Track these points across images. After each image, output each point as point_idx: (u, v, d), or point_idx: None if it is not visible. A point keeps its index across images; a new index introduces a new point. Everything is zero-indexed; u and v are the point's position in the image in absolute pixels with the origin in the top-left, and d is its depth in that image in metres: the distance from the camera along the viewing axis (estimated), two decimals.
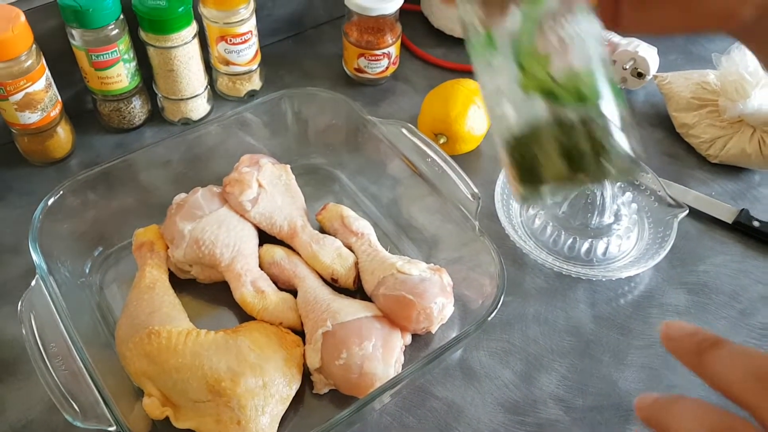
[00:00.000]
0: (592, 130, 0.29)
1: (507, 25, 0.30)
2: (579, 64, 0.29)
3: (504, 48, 0.30)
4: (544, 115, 0.30)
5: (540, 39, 0.29)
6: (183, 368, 0.53)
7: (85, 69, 0.74)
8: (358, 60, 0.85)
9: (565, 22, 0.30)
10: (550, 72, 0.29)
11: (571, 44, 0.29)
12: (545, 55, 0.29)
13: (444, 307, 0.60)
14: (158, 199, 0.68)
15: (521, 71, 0.30)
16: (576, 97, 0.29)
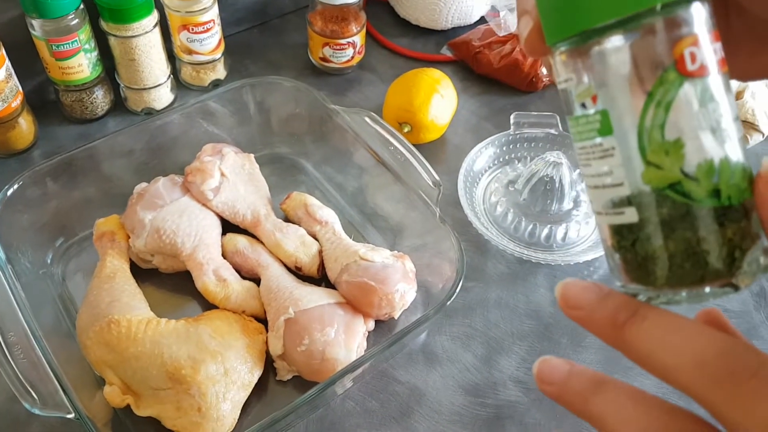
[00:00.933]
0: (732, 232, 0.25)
1: (630, 107, 0.25)
2: (718, 155, 0.24)
3: (623, 134, 0.25)
4: (670, 212, 0.25)
5: (671, 127, 0.24)
6: (143, 356, 0.53)
7: (46, 59, 0.74)
8: (323, 49, 0.85)
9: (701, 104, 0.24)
10: (683, 167, 0.24)
11: (708, 130, 0.24)
12: (677, 146, 0.24)
13: (406, 293, 0.61)
14: (120, 189, 0.68)
15: (646, 165, 0.25)
16: (714, 196, 0.24)
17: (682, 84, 0.24)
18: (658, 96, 0.24)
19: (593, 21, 0.24)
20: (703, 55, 0.24)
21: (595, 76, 0.25)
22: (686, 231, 0.25)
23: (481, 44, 0.87)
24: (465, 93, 0.86)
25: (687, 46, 0.24)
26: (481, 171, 0.75)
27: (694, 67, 0.24)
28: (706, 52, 0.24)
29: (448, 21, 0.93)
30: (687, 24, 0.24)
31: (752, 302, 0.67)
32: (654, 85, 0.24)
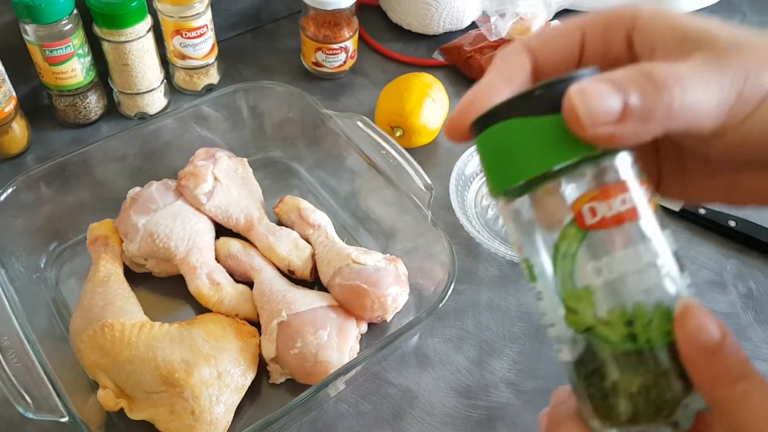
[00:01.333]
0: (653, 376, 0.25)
1: (545, 257, 0.26)
2: (631, 300, 0.25)
3: (545, 281, 0.27)
4: (593, 354, 0.26)
5: (579, 276, 0.26)
6: (136, 360, 0.53)
7: (40, 64, 0.74)
8: (316, 54, 0.85)
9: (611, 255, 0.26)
10: (596, 313, 0.26)
11: (618, 276, 0.25)
12: (587, 293, 0.26)
13: (398, 296, 0.62)
14: (114, 194, 0.68)
15: (566, 310, 0.26)
16: (631, 340, 0.25)
17: (584, 237, 0.26)
18: (563, 248, 0.26)
19: (502, 185, 0.27)
20: (604, 208, 0.25)
21: (517, 228, 0.28)
22: (602, 377, 0.26)
23: (472, 49, 0.87)
24: (456, 97, 0.87)
25: (585, 202, 0.25)
26: (473, 175, 0.76)
27: (593, 221, 0.25)
28: (609, 205, 0.25)
29: (440, 26, 0.94)
30: (585, 181, 0.26)
31: (740, 303, 0.68)
32: (558, 239, 0.26)
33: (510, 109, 0.26)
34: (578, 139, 0.25)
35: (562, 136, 0.25)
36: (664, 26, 0.27)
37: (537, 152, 0.26)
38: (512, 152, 0.26)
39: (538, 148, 0.26)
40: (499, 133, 0.26)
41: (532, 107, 0.26)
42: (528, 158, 0.26)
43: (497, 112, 0.26)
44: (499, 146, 0.27)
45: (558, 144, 0.25)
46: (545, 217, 0.26)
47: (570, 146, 0.25)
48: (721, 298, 0.69)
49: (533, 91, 0.26)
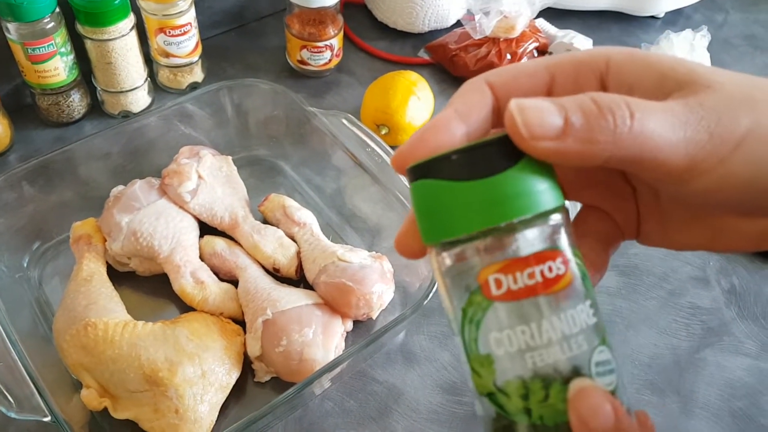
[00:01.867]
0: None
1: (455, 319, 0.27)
2: (529, 374, 0.25)
3: (459, 338, 0.27)
4: (493, 418, 0.27)
5: (482, 343, 0.26)
6: (120, 359, 0.53)
7: (22, 63, 0.73)
8: (301, 52, 0.85)
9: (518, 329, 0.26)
10: (495, 381, 0.26)
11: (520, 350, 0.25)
12: (488, 361, 0.26)
13: (383, 294, 0.62)
14: (97, 192, 0.68)
15: (471, 371, 0.27)
16: (525, 413, 0.26)
17: (489, 307, 0.25)
18: (469, 314, 0.26)
19: (428, 238, 0.27)
20: (510, 280, 0.25)
21: (442, 285, 0.28)
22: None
23: (457, 47, 0.88)
24: (442, 95, 0.87)
25: (492, 272, 0.25)
26: None
27: (499, 293, 0.25)
28: (516, 278, 0.25)
29: (425, 24, 0.94)
30: (497, 251, 0.26)
31: (723, 299, 0.69)
32: (465, 304, 0.26)
33: (437, 168, 0.26)
34: (495, 208, 0.25)
35: (481, 203, 0.25)
36: (641, 67, 0.27)
37: (453, 216, 0.26)
38: (435, 210, 0.26)
39: (456, 211, 0.26)
40: (426, 189, 0.26)
41: (457, 169, 0.25)
42: (446, 220, 0.26)
43: (427, 167, 0.26)
44: (425, 200, 0.27)
45: (475, 210, 0.25)
46: (458, 279, 0.26)
47: (485, 214, 0.25)
48: (704, 294, 0.69)
49: (461, 152, 0.25)
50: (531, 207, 0.26)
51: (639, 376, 0.62)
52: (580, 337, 0.26)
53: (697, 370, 0.63)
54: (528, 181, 0.26)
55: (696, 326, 0.66)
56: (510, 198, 0.25)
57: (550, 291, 0.25)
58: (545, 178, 0.26)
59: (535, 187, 0.26)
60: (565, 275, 0.26)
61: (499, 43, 0.85)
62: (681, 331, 0.66)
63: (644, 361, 0.63)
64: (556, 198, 0.27)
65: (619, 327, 0.66)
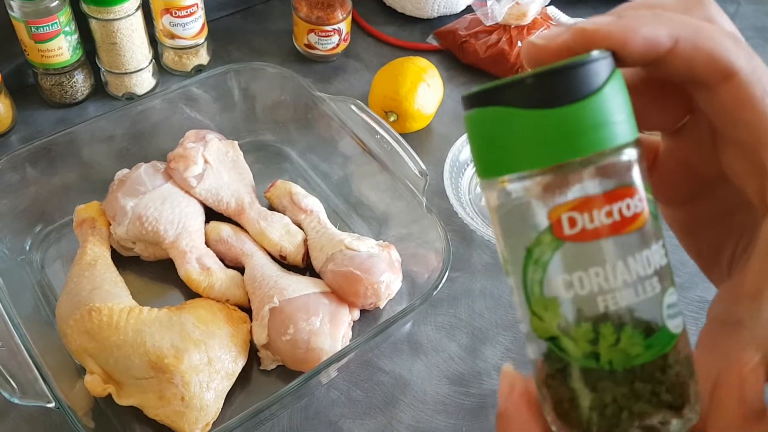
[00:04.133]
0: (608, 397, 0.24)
1: (518, 258, 0.25)
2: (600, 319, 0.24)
3: (517, 280, 0.25)
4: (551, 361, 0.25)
5: (548, 285, 0.24)
6: (124, 345, 0.52)
7: (25, 42, 0.72)
8: (309, 36, 0.84)
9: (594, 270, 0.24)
10: (560, 325, 0.24)
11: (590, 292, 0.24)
12: (554, 304, 0.24)
13: (391, 283, 0.61)
14: (101, 175, 0.67)
15: (531, 314, 0.25)
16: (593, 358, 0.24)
17: (559, 247, 0.24)
18: (535, 255, 0.24)
19: (481, 173, 0.25)
20: (586, 219, 0.24)
21: (495, 218, 0.26)
22: (562, 384, 0.25)
23: (467, 33, 0.86)
24: (451, 82, 0.86)
25: (566, 210, 0.24)
26: (467, 161, 0.75)
27: (572, 232, 0.24)
28: (592, 217, 0.24)
29: (435, 10, 0.92)
30: (570, 187, 0.24)
31: None
32: (532, 244, 0.24)
33: (507, 93, 0.24)
34: (571, 140, 0.23)
35: (556, 134, 0.23)
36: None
37: (524, 147, 0.24)
38: (501, 140, 0.24)
39: (527, 143, 0.24)
40: (491, 116, 0.24)
41: (531, 95, 0.23)
42: (514, 151, 0.24)
43: (495, 92, 0.24)
44: (488, 129, 0.25)
45: (549, 142, 0.23)
46: (523, 217, 0.25)
47: (561, 146, 0.23)
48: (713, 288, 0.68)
49: (535, 77, 0.23)
50: (609, 140, 0.24)
51: None
52: (654, 279, 0.24)
53: None
54: (606, 111, 0.24)
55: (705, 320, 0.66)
56: (588, 129, 0.23)
57: (626, 230, 0.24)
58: (622, 108, 0.24)
59: (613, 117, 0.24)
60: (642, 213, 0.24)
61: (510, 30, 0.84)
62: (689, 325, 0.65)
63: None
64: (632, 130, 0.25)
65: None
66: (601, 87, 0.24)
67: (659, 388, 0.24)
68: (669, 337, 0.24)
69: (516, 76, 0.24)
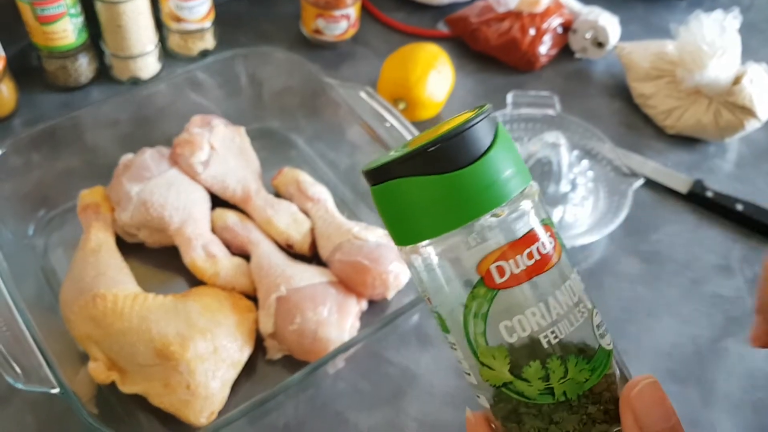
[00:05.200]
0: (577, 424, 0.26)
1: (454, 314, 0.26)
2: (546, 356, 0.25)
3: (457, 335, 0.26)
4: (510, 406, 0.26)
5: (492, 335, 0.25)
6: (129, 332, 0.51)
7: (30, 23, 0.71)
8: (317, 21, 0.83)
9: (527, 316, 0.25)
10: (511, 369, 0.25)
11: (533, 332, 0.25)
12: (501, 351, 0.25)
13: (400, 274, 0.60)
14: (105, 160, 0.66)
15: (480, 365, 0.26)
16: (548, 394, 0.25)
17: (494, 296, 0.25)
18: (473, 308, 0.25)
19: (398, 241, 0.26)
20: (512, 265, 0.25)
21: (424, 280, 0.27)
22: (531, 422, 0.26)
23: (478, 21, 0.85)
24: (461, 70, 0.84)
25: (492, 261, 0.25)
26: None
27: (503, 280, 0.25)
28: (517, 262, 0.25)
29: None
30: (491, 239, 0.25)
31: (746, 288, 0.67)
32: (468, 299, 0.25)
33: (409, 166, 0.24)
34: (479, 198, 0.24)
35: (463, 195, 0.24)
36: None
37: (437, 211, 0.24)
38: (412, 209, 0.25)
39: (439, 207, 0.24)
40: (398, 189, 0.25)
41: (435, 161, 0.24)
42: (427, 217, 0.25)
43: (395, 167, 0.25)
44: (397, 202, 0.25)
45: (459, 203, 0.24)
46: (453, 275, 0.25)
47: (471, 205, 0.24)
48: (727, 283, 0.67)
49: (433, 146, 0.24)
50: (518, 185, 0.25)
51: (659, 364, 0.61)
52: (581, 306, 0.26)
53: (718, 360, 0.62)
54: (507, 161, 0.25)
55: (718, 315, 0.65)
56: (499, 182, 0.25)
57: (548, 267, 0.25)
58: (516, 155, 0.26)
59: (516, 165, 0.25)
60: (556, 247, 0.26)
61: (522, 18, 0.83)
62: (702, 320, 0.64)
63: (665, 349, 0.62)
64: (528, 172, 0.26)
65: (640, 315, 0.64)
66: (494, 141, 0.25)
67: (610, 406, 0.26)
68: (606, 356, 0.26)
69: (414, 146, 0.24)
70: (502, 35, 0.83)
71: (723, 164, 0.79)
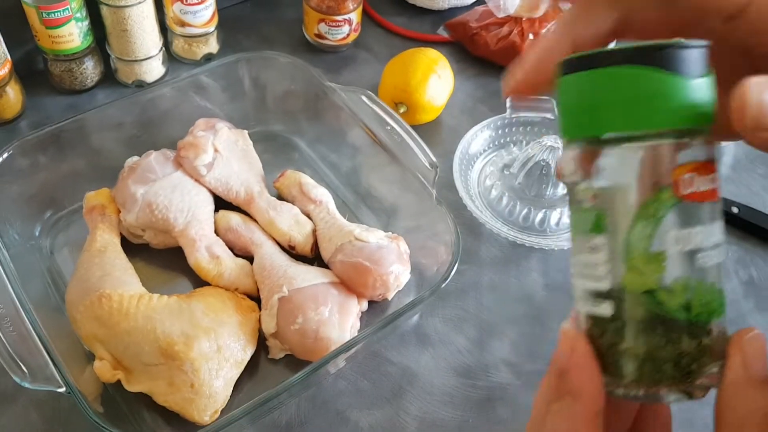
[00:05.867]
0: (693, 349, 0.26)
1: (624, 213, 0.26)
2: (696, 275, 0.26)
3: (613, 236, 0.26)
4: (641, 315, 0.26)
5: (657, 241, 0.26)
6: (134, 332, 0.52)
7: (36, 27, 0.72)
8: (319, 25, 0.84)
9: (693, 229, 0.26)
10: (662, 278, 0.26)
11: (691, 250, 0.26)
12: (659, 259, 0.26)
13: (400, 275, 0.61)
14: (110, 162, 0.67)
15: (628, 269, 0.26)
16: (685, 310, 0.26)
17: (675, 205, 0.26)
18: (651, 210, 0.26)
19: (605, 129, 0.26)
20: (699, 182, 0.26)
21: (599, 179, 0.27)
22: (652, 336, 0.26)
23: (478, 26, 0.86)
24: (461, 75, 0.85)
25: (687, 171, 0.26)
26: (477, 154, 0.75)
27: (688, 191, 0.26)
28: (703, 181, 0.26)
29: (446, 1, 0.92)
30: (690, 151, 0.26)
31: (741, 290, 0.68)
32: (649, 201, 0.26)
33: (627, 56, 0.25)
34: (700, 110, 0.25)
35: (684, 99, 0.25)
36: None
37: (652, 107, 0.25)
38: (618, 99, 0.25)
39: (655, 103, 0.25)
40: (608, 77, 0.25)
41: (672, 62, 0.25)
42: (640, 111, 0.25)
43: (632, 54, 0.25)
44: (601, 90, 0.26)
45: (678, 105, 0.25)
46: (639, 175, 0.26)
47: (690, 111, 0.25)
48: None
49: (659, 45, 0.25)
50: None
51: None
52: (722, 247, 0.27)
53: None
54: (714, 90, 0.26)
55: None
56: (713, 104, 0.26)
57: (716, 198, 0.26)
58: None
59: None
60: (720, 188, 0.27)
61: (521, 23, 0.84)
62: None
63: None
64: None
65: None
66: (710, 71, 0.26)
67: (719, 344, 0.26)
68: (725, 301, 0.27)
69: (647, 42, 0.25)
70: (501, 40, 0.84)
71: (719, 167, 0.80)
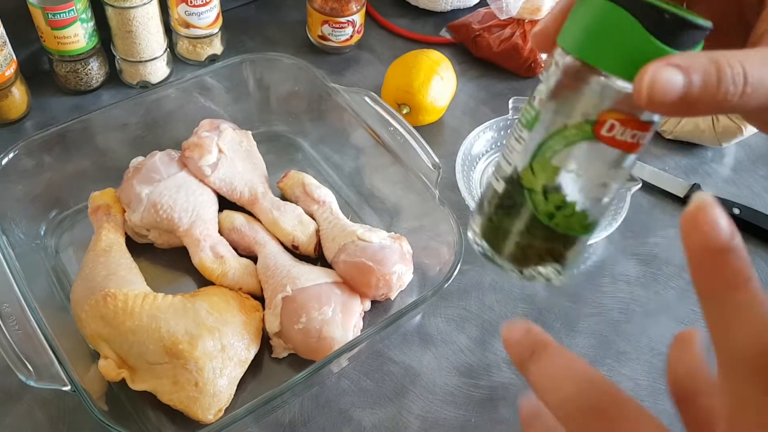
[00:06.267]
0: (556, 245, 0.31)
1: (551, 124, 0.30)
2: (573, 196, 0.30)
3: (535, 136, 0.30)
4: (518, 205, 0.31)
5: (559, 157, 0.29)
6: (139, 331, 0.53)
7: (42, 28, 0.72)
8: (322, 27, 0.84)
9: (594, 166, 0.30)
10: (546, 185, 0.30)
11: (583, 179, 0.30)
12: (553, 171, 0.30)
13: (403, 275, 0.61)
14: (115, 163, 0.67)
15: (528, 166, 0.30)
16: (549, 217, 0.31)
17: (590, 139, 0.29)
18: (569, 133, 0.29)
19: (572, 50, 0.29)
20: (620, 131, 0.29)
21: (551, 90, 0.30)
22: (517, 221, 0.31)
23: (480, 27, 0.86)
24: (463, 76, 0.86)
25: (613, 118, 0.28)
26: (479, 155, 0.75)
27: (606, 135, 0.29)
28: (624, 132, 0.29)
29: (448, 3, 0.92)
30: (626, 104, 0.28)
31: None
32: (572, 125, 0.29)
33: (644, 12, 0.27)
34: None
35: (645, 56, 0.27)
36: None
37: (619, 54, 0.27)
38: (597, 31, 0.28)
39: (624, 51, 0.27)
40: (620, 19, 0.27)
41: (660, 28, 0.27)
42: (607, 50, 0.28)
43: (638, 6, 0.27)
44: (591, 16, 0.28)
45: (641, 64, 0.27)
46: (582, 102, 0.29)
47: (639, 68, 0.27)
48: None
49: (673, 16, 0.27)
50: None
51: (657, 365, 0.62)
52: (615, 192, 0.31)
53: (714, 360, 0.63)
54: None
55: None
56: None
57: (632, 151, 0.29)
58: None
59: None
60: (641, 146, 0.30)
61: (523, 25, 0.84)
62: (699, 322, 0.65)
63: (662, 350, 0.63)
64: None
65: (638, 316, 0.65)
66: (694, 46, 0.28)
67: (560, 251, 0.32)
68: (593, 230, 0.32)
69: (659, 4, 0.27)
70: (503, 41, 0.84)
71: (720, 169, 0.80)
